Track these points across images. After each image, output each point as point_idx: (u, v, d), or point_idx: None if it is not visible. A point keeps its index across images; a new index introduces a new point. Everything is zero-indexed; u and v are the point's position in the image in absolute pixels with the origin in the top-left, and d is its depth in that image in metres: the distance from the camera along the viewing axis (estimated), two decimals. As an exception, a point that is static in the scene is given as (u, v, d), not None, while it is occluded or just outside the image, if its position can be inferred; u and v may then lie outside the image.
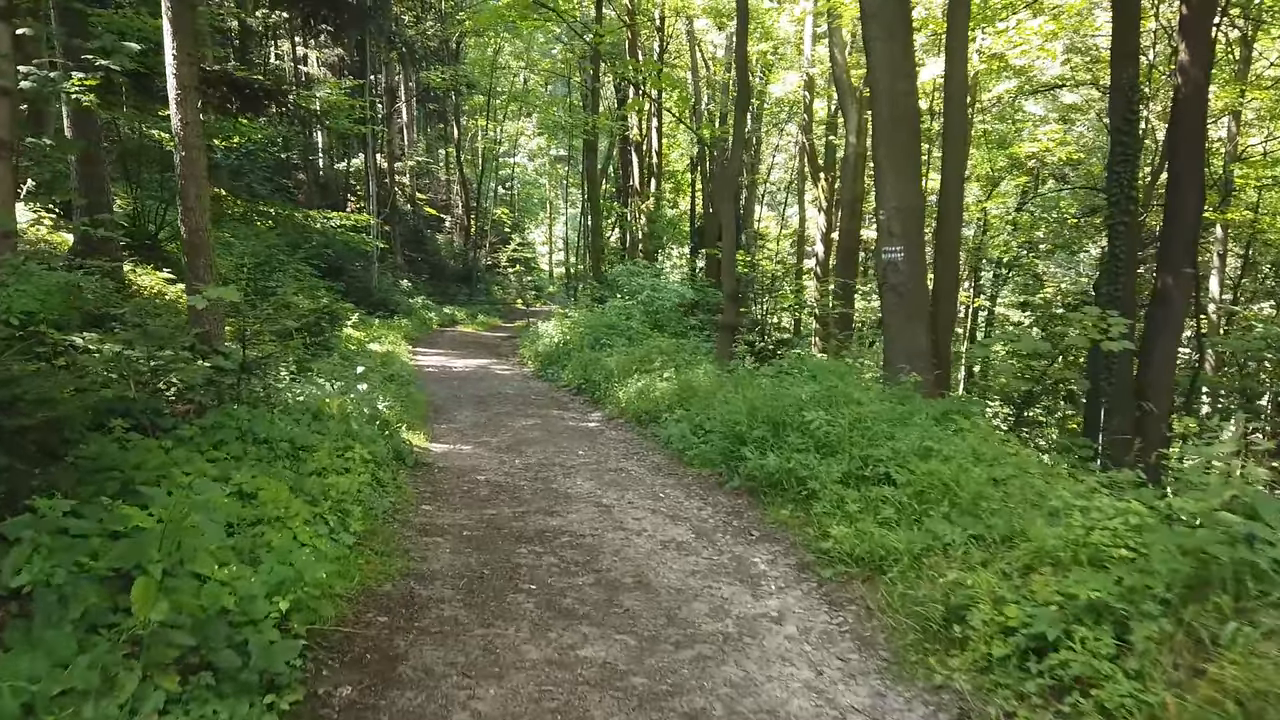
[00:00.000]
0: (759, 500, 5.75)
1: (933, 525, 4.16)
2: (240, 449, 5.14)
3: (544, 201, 50.29)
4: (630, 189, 24.48)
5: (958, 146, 8.49)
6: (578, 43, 26.26)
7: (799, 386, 6.76)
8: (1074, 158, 19.98)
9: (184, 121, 7.21)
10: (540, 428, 9.08)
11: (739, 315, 11.92)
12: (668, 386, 9.61)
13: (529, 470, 6.93)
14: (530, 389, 12.41)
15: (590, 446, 8.07)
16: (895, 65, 7.60)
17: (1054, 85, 14.65)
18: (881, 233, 8.00)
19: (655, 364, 11.05)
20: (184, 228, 7.44)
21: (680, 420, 8.18)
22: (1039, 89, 15.42)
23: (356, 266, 22.20)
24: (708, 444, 7.04)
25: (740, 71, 10.89)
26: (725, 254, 11.51)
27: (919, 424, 5.80)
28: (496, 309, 29.61)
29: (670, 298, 16.14)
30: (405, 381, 11.25)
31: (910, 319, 7.95)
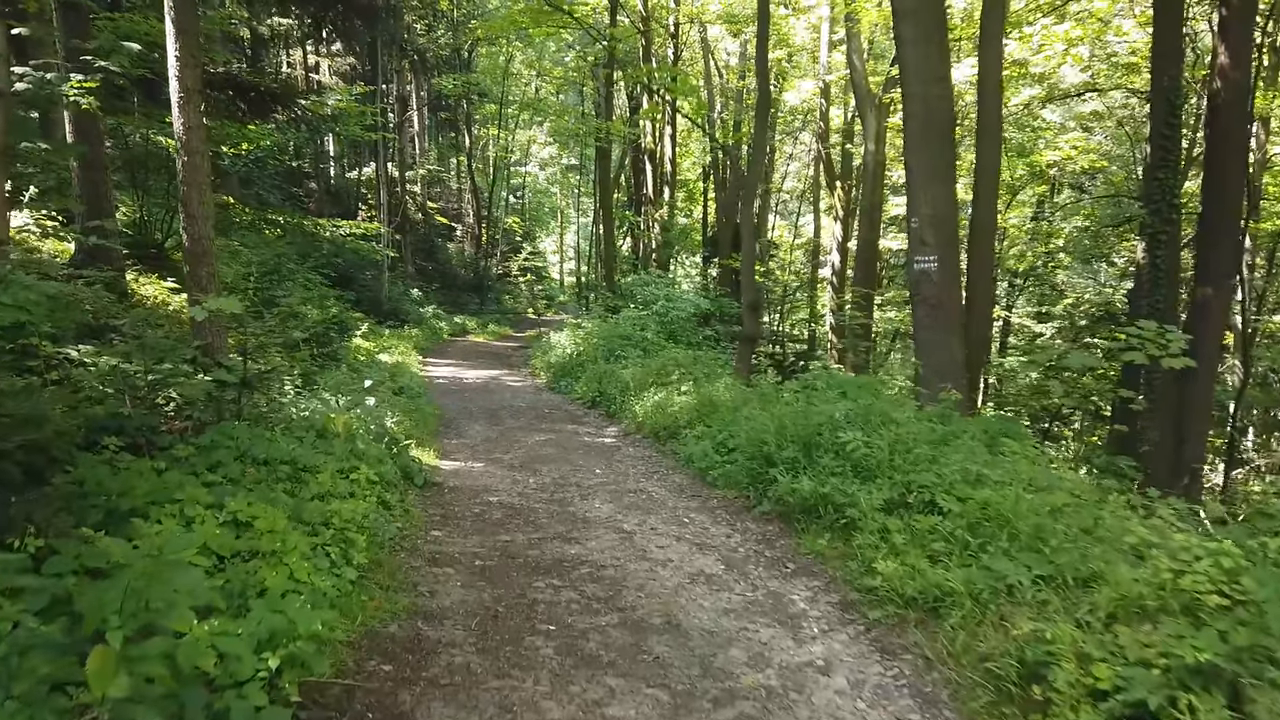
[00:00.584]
0: (792, 527, 5.37)
1: (993, 562, 3.77)
2: (238, 470, 4.79)
3: (555, 210, 50.11)
4: (644, 197, 24.19)
5: (992, 151, 8.12)
6: (591, 50, 26.08)
7: (831, 404, 6.37)
8: (1096, 166, 19.57)
9: (186, 126, 6.92)
10: (554, 444, 8.73)
11: (758, 326, 11.52)
12: (686, 401, 9.24)
13: (544, 491, 6.57)
14: (543, 402, 12.06)
15: (607, 464, 7.71)
16: (930, 67, 7.25)
17: (1085, 90, 14.22)
18: (913, 242, 7.63)
19: (673, 377, 10.69)
20: (185, 236, 7.14)
21: (701, 437, 7.80)
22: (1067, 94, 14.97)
23: (367, 276, 21.97)
24: (733, 464, 6.66)
25: (760, 77, 10.56)
26: (744, 263, 11.15)
27: (963, 446, 5.41)
28: (508, 318, 29.35)
29: (685, 308, 15.78)
30: (415, 394, 10.93)
31: (944, 332, 7.57)
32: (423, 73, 31.69)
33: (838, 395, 7.02)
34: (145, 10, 9.85)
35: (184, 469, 4.75)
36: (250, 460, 5.01)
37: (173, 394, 6.10)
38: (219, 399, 5.94)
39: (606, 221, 20.43)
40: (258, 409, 6.42)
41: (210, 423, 5.81)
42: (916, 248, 7.57)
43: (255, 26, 23.05)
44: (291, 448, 5.36)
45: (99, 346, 6.59)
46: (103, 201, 8.52)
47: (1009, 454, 5.29)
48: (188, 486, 4.29)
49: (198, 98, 6.90)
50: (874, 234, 19.46)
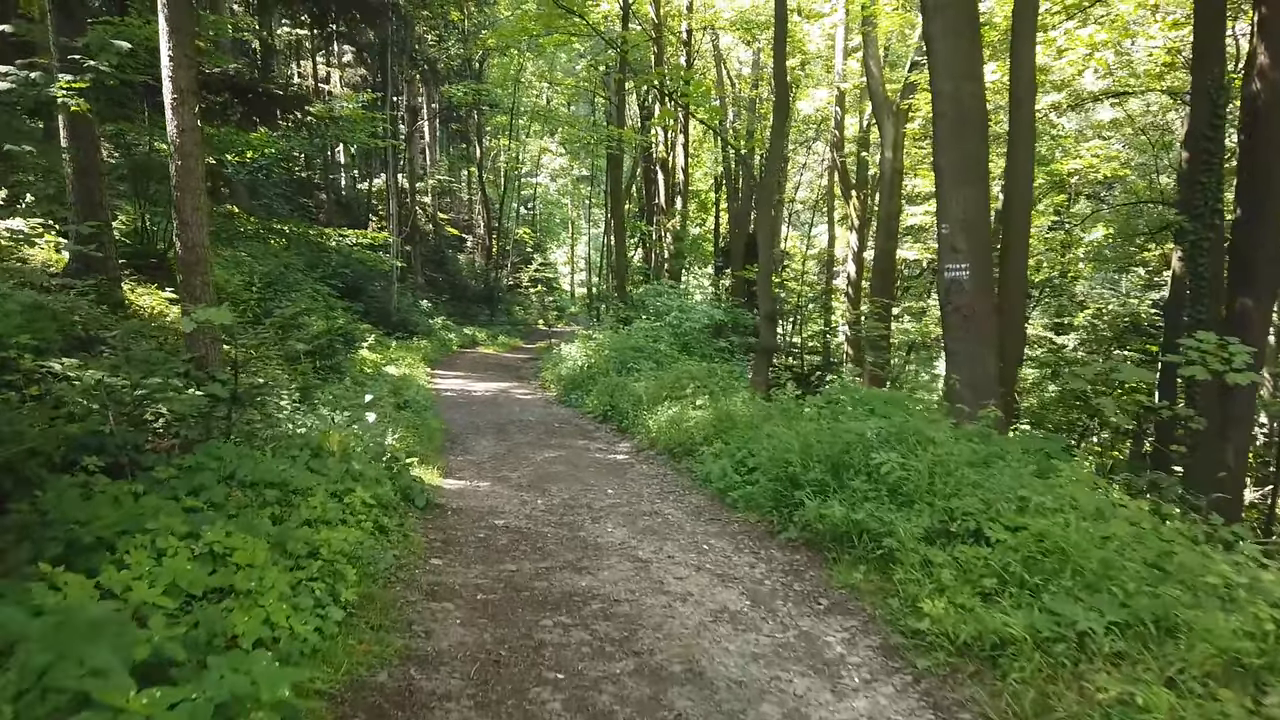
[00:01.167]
0: (822, 557, 4.94)
1: (1057, 604, 3.34)
2: (222, 494, 4.42)
3: (566, 222, 49.89)
4: (655, 207, 23.86)
5: (1024, 155, 7.70)
6: (603, 58, 25.85)
7: (860, 421, 5.95)
8: (1119, 174, 19.12)
9: (180, 128, 6.61)
10: (564, 460, 8.33)
11: (775, 338, 11.11)
12: (702, 416, 8.84)
13: (553, 513, 6.17)
14: (553, 416, 11.67)
15: (620, 484, 7.30)
16: (961, 64, 6.85)
17: (1115, 94, 13.78)
18: (944, 248, 7.21)
19: (687, 390, 10.29)
20: (179, 243, 6.82)
21: (719, 455, 7.39)
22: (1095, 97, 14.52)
23: (376, 287, 21.72)
24: (754, 485, 6.24)
25: (778, 80, 10.19)
26: (761, 272, 10.76)
27: (1007, 468, 4.98)
28: (518, 330, 29.02)
29: (699, 319, 15.37)
30: (421, 408, 10.57)
31: (978, 344, 7.14)
32: (434, 84, 31.56)
33: (865, 412, 6.60)
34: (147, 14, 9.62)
35: (163, 492, 4.39)
36: (236, 483, 4.65)
37: (162, 410, 5.76)
38: (208, 415, 5.58)
39: (618, 231, 20.09)
40: (251, 426, 6.07)
41: (199, 440, 5.46)
42: (947, 255, 7.15)
43: (266, 37, 22.97)
44: (282, 468, 4.99)
45: (85, 359, 6.28)
46: (97, 209, 8.21)
47: (1060, 477, 4.86)
48: (163, 513, 3.92)
49: (192, 99, 6.59)
50: (891, 243, 19.05)
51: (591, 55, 25.26)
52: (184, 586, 3.26)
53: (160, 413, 5.81)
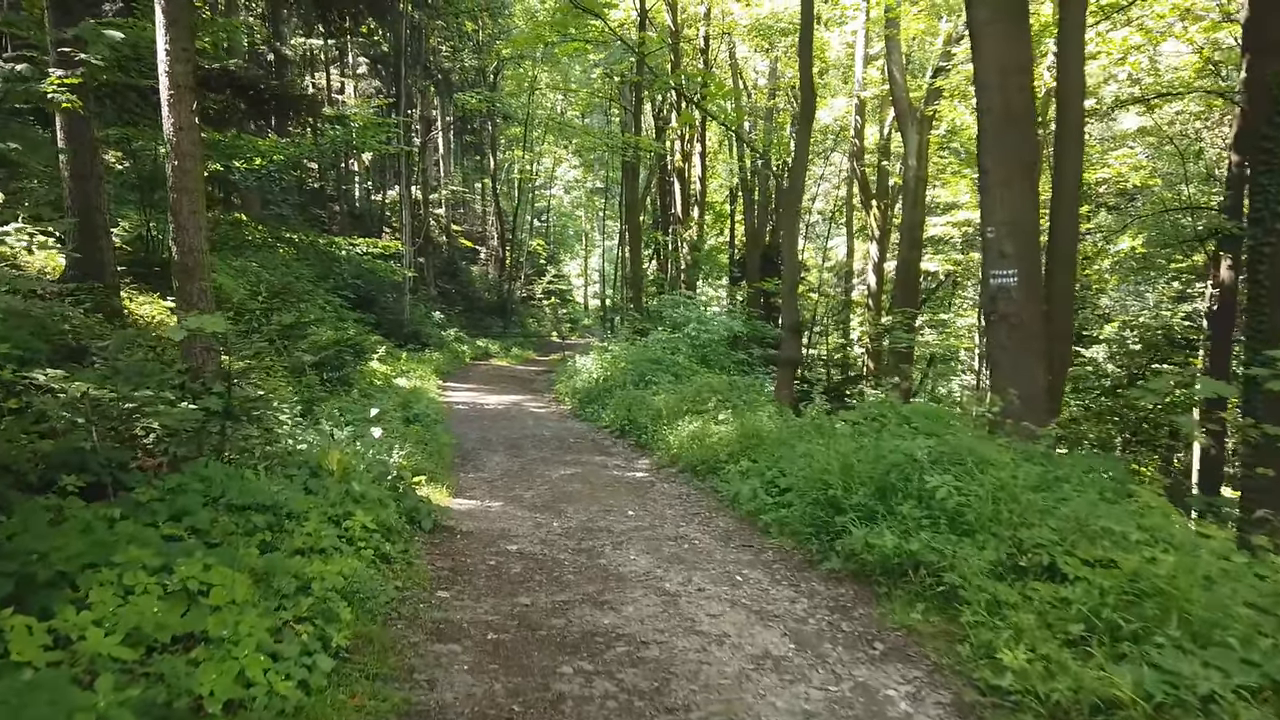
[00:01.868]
0: (871, 591, 4.44)
1: (1167, 660, 2.85)
2: (206, 519, 3.99)
3: (580, 234, 49.69)
4: (672, 217, 23.48)
5: (1073, 154, 7.22)
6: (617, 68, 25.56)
7: (905, 439, 5.46)
8: (1150, 183, 18.63)
9: (177, 126, 6.24)
10: (581, 479, 7.87)
11: (800, 350, 10.64)
12: (726, 431, 8.36)
13: (570, 537, 5.70)
14: (568, 430, 11.22)
15: (641, 504, 6.83)
16: (1010, 53, 6.39)
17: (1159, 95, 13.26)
18: (989, 253, 6.72)
19: (709, 404, 9.82)
20: (175, 248, 6.44)
21: (747, 474, 6.91)
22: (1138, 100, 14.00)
23: (389, 298, 21.41)
24: (788, 508, 5.75)
25: (804, 81, 9.77)
26: (786, 282, 10.30)
27: (1075, 492, 4.49)
28: (531, 342, 28.65)
29: (718, 331, 14.91)
30: (431, 421, 10.14)
31: (1025, 354, 6.64)
32: (448, 95, 31.41)
33: (908, 429, 6.11)
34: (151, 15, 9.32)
35: (143, 517, 3.97)
36: (224, 507, 4.21)
37: (154, 425, 5.36)
38: (200, 431, 5.17)
39: (633, 241, 19.69)
40: (248, 442, 5.65)
41: (189, 458, 5.05)
42: (994, 260, 6.67)
43: (279, 46, 22.82)
44: (276, 490, 4.56)
45: (72, 370, 5.90)
46: (95, 213, 7.86)
47: (1137, 503, 4.36)
48: (137, 543, 3.49)
49: (190, 95, 6.23)
50: (915, 253, 18.57)
51: (607, 65, 25.01)
52: (149, 632, 2.82)
53: (151, 428, 5.42)
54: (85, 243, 7.88)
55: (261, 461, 5.08)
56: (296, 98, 8.59)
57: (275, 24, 23.26)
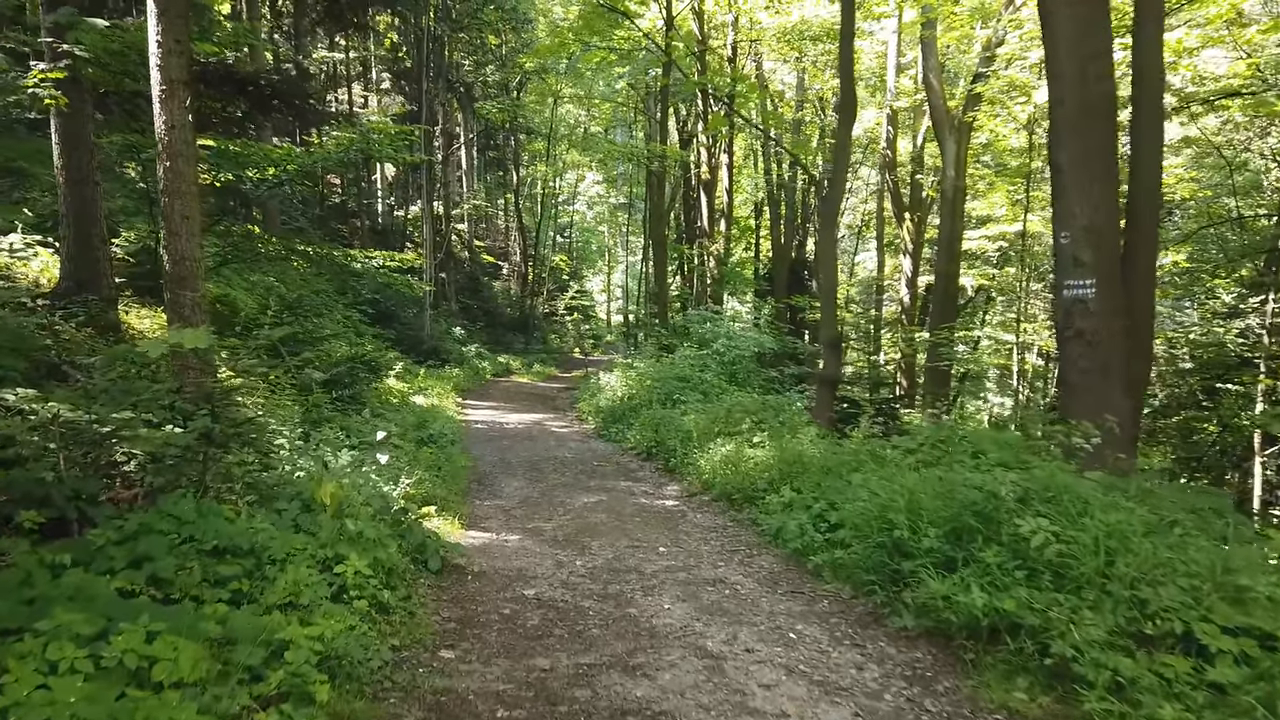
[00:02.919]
0: (954, 657, 3.74)
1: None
2: (172, 567, 3.40)
3: (603, 250, 49.29)
4: (698, 230, 22.89)
5: (1152, 148, 6.48)
6: (642, 79, 25.12)
7: (981, 472, 4.75)
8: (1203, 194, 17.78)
9: (169, 123, 5.74)
10: (606, 507, 7.22)
11: (840, 367, 9.94)
12: (763, 456, 7.68)
13: (595, 579, 5.05)
14: (591, 452, 10.59)
15: (672, 538, 6.16)
16: (1087, 36, 5.72)
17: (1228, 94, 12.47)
18: (1063, 261, 6.02)
19: (742, 426, 9.14)
20: (165, 255, 5.93)
21: (791, 506, 6.22)
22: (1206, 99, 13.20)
23: (409, 314, 21.01)
24: (844, 548, 5.06)
25: (845, 78, 9.13)
26: (824, 295, 9.62)
27: (1189, 538, 3.77)
28: (553, 358, 28.12)
29: (748, 347, 14.24)
30: (447, 442, 9.56)
31: (1105, 376, 5.92)
32: (470, 110, 31.20)
33: (977, 458, 5.40)
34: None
35: (97, 565, 3.40)
36: (195, 551, 3.62)
37: (135, 451, 4.80)
38: (182, 459, 4.60)
39: (658, 254, 19.12)
40: (243, 469, 5.07)
41: (169, 489, 4.48)
42: (1068, 269, 5.96)
43: (301, 61, 22.64)
44: (260, 528, 3.96)
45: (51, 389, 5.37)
46: (91, 221, 7.40)
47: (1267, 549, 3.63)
48: (79, 600, 2.90)
49: (184, 91, 5.72)
50: (953, 266, 17.79)
51: (631, 76, 24.60)
52: (63, 729, 2.21)
53: (133, 453, 4.87)
54: (80, 252, 7.41)
55: (247, 494, 4.49)
56: (303, 95, 8.05)
57: (298, 37, 23.14)
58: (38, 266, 8.10)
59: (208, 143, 9.57)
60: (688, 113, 27.68)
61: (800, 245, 27.94)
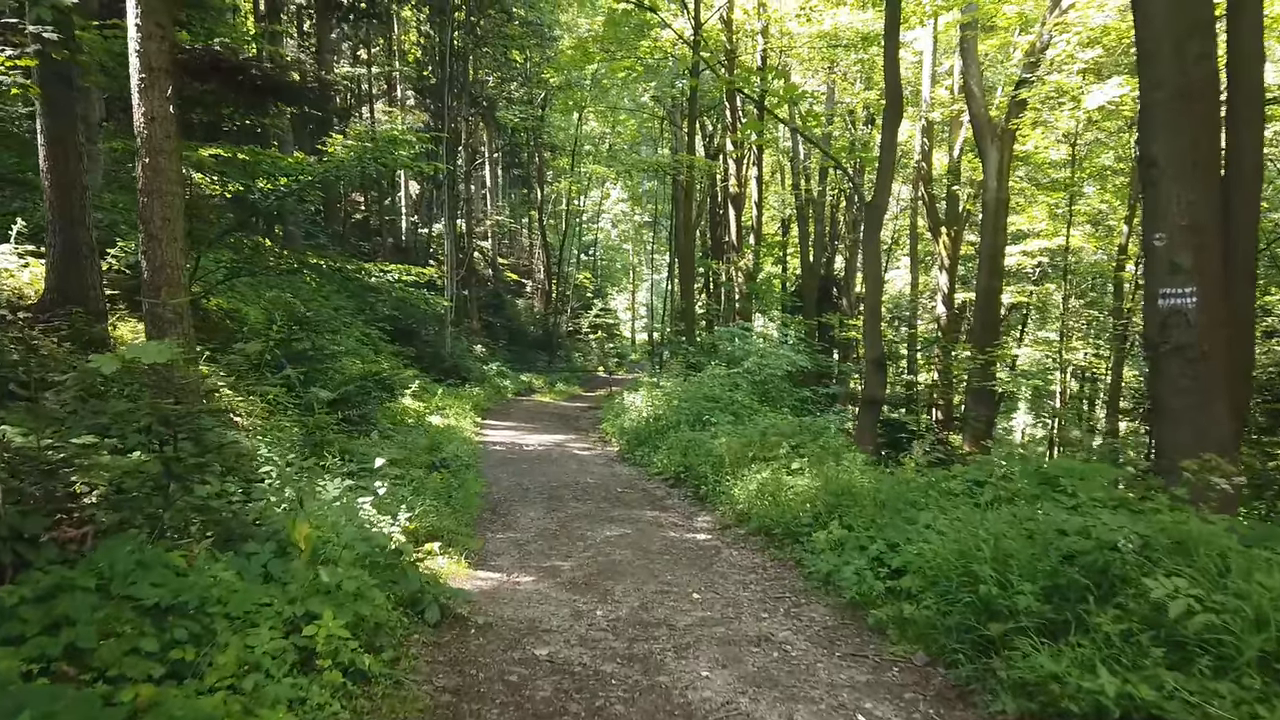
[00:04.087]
0: (1074, 760, 2.97)
1: None
2: (93, 633, 2.74)
3: (627, 268, 48.81)
4: (726, 245, 22.23)
5: (1252, 134, 5.67)
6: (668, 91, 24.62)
7: (1083, 515, 3.97)
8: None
9: (149, 115, 5.18)
10: (631, 542, 6.50)
11: (884, 387, 9.16)
12: (805, 485, 6.92)
13: (619, 634, 4.33)
14: (615, 476, 9.87)
15: (707, 581, 5.42)
16: (1187, 11, 4.98)
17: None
18: (1156, 266, 5.25)
19: (779, 451, 8.38)
20: (144, 261, 5.36)
21: (842, 546, 5.46)
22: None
23: (429, 331, 20.53)
24: (913, 601, 4.29)
25: (890, 74, 8.45)
26: (869, 310, 8.88)
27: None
28: (577, 377, 27.49)
29: (781, 365, 13.48)
30: (461, 466, 8.91)
31: (1207, 397, 5.12)
32: (494, 127, 30.92)
33: (1059, 494, 4.63)
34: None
35: (8, 630, 2.75)
36: (132, 609, 2.96)
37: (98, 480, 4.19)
38: (136, 493, 3.97)
39: (685, 268, 18.46)
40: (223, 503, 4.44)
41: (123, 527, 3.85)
42: (1163, 276, 5.18)
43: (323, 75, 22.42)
44: (219, 579, 3.30)
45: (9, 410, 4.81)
46: (79, 228, 6.88)
47: None
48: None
49: (165, 79, 5.17)
50: (995, 281, 16.93)
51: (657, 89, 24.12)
52: None
53: (97, 484, 4.25)
54: (67, 261, 6.89)
55: (210, 533, 3.84)
56: (299, 87, 7.48)
57: (321, 52, 22.95)
58: (27, 278, 7.61)
59: (219, 151, 9.11)
60: (714, 127, 27.12)
61: (829, 262, 27.19)
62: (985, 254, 16.86)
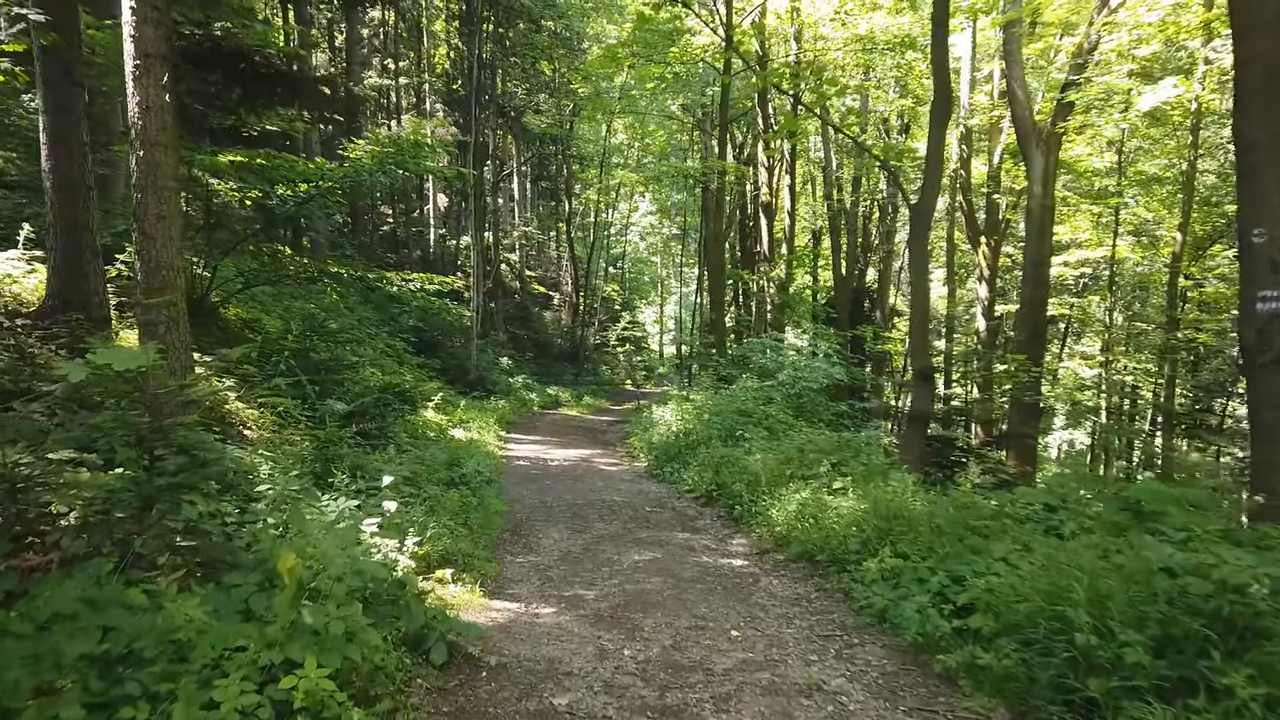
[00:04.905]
0: None
1: None
2: (21, 689, 2.30)
3: (656, 281, 48.40)
4: (758, 254, 21.70)
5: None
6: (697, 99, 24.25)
7: (1189, 550, 3.39)
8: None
9: (144, 105, 4.82)
10: (661, 567, 5.98)
11: (932, 401, 8.57)
12: (850, 507, 6.36)
13: (649, 679, 3.81)
14: (643, 494, 9.36)
15: (746, 614, 4.88)
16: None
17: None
18: (1255, 267, 4.65)
19: (819, 469, 7.82)
20: (139, 262, 4.99)
21: (898, 576, 4.90)
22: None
23: (455, 343, 20.24)
24: (986, 645, 3.72)
25: (939, 73, 7.92)
26: (916, 319, 8.30)
27: None
28: (604, 390, 27.04)
29: (817, 378, 12.89)
30: (482, 482, 8.45)
31: (1317, 413, 4.49)
32: (522, 138, 30.77)
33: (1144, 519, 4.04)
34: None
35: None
36: (77, 658, 2.51)
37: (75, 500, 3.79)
38: (108, 515, 3.55)
39: (715, 279, 17.96)
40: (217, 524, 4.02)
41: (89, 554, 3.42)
42: (1262, 276, 4.59)
43: (351, 87, 22.36)
44: (191, 618, 2.85)
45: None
46: (82, 231, 6.56)
47: None
48: None
49: (161, 66, 4.81)
50: (1041, 292, 16.13)
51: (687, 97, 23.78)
52: None
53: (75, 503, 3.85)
54: (69, 266, 6.57)
55: (183, 562, 3.40)
56: (308, 79, 7.09)
57: (350, 63, 22.92)
58: (32, 284, 7.32)
59: (235, 157, 8.81)
60: (745, 136, 26.66)
61: (861, 274, 26.56)
62: (1030, 263, 16.12)
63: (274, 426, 7.45)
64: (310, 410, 8.03)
